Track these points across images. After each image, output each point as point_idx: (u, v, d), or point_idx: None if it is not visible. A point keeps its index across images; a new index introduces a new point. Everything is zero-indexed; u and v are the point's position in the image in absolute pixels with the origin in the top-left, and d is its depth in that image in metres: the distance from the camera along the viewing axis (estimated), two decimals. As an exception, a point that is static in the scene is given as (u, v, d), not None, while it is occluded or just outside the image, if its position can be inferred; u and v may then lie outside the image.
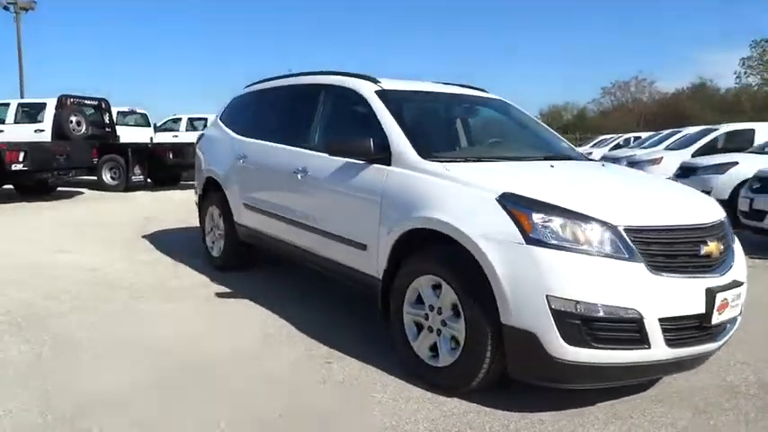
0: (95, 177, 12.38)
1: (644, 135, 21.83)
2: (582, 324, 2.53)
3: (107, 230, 7.58)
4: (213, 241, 5.46)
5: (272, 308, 4.26)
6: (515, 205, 2.72)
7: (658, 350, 2.59)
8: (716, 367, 3.30)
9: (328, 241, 3.79)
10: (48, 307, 4.25)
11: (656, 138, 16.34)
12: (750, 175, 8.30)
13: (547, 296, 2.54)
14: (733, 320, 2.93)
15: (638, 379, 2.83)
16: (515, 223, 2.67)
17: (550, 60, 78.44)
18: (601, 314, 2.52)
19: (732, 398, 3.01)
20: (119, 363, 3.27)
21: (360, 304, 4.37)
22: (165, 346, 3.51)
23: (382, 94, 3.78)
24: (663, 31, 74.20)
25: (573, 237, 2.61)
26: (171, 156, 12.32)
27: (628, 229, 2.63)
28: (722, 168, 9.00)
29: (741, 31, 68.02)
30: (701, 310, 2.67)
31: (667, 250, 2.69)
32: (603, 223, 2.63)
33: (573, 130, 43.12)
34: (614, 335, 2.56)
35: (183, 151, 12.53)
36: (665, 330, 2.59)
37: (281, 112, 4.73)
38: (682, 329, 2.65)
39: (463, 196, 2.91)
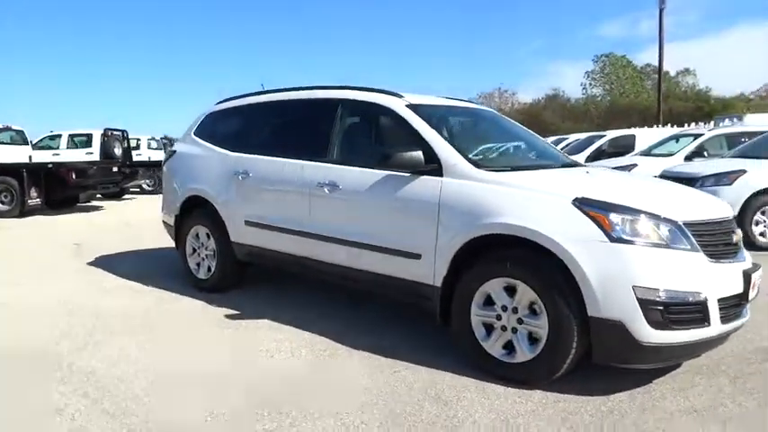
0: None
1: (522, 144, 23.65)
2: (663, 309, 2.87)
3: (39, 260, 6.86)
4: (198, 263, 5.21)
5: (298, 326, 4.19)
6: (592, 208, 3.01)
7: (715, 327, 3.01)
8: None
9: (368, 253, 3.83)
10: (59, 343, 3.86)
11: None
12: (649, 176, 9.46)
13: (633, 287, 2.85)
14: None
15: (697, 355, 3.24)
16: (596, 224, 2.96)
17: (417, 69, 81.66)
18: (678, 299, 2.89)
19: (750, 363, 3.53)
20: (198, 397, 3.08)
21: (377, 308, 4.47)
22: (227, 375, 3.36)
23: (414, 108, 3.93)
24: (519, 44, 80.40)
25: (646, 233, 2.95)
26: (74, 176, 11.30)
27: (686, 224, 3.03)
28: (624, 170, 10.12)
29: (585, 45, 75.54)
30: (741, 289, 3.14)
31: (712, 240, 3.13)
32: (668, 220, 3.01)
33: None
34: (686, 316, 2.93)
35: (87, 171, 11.57)
36: (719, 309, 3.01)
37: (288, 126, 4.67)
38: (729, 307, 3.10)
39: (537, 202, 3.15)
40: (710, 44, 61.47)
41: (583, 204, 3.04)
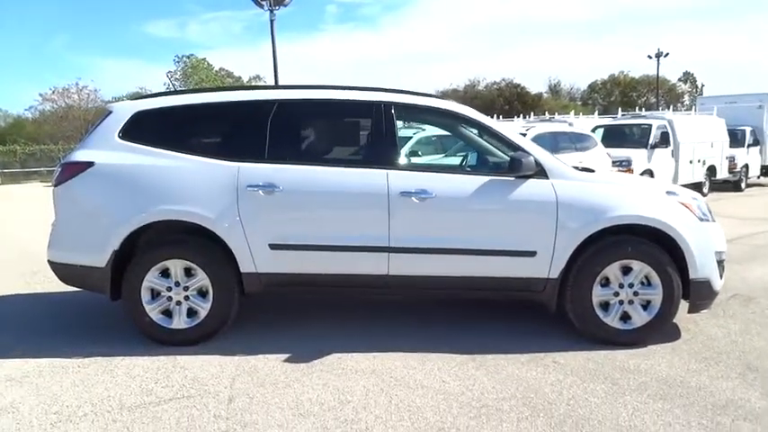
0: None
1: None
2: (723, 265, 4.08)
3: None
4: (167, 309, 3.89)
5: (388, 349, 3.85)
6: (679, 197, 3.99)
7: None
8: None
9: (476, 258, 3.85)
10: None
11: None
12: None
13: (714, 252, 3.97)
14: None
15: None
16: (687, 209, 3.94)
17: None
18: (725, 256, 4.14)
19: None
20: None
21: (409, 310, 4.46)
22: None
23: (480, 115, 4.11)
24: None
25: (706, 212, 4.10)
26: None
27: (705, 204, 4.33)
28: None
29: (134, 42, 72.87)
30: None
31: None
32: (705, 203, 4.23)
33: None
34: (723, 268, 4.19)
35: None
36: (719, 261, 4.41)
37: (330, 130, 4.00)
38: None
39: (648, 196, 3.95)
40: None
41: (673, 195, 3.98)
